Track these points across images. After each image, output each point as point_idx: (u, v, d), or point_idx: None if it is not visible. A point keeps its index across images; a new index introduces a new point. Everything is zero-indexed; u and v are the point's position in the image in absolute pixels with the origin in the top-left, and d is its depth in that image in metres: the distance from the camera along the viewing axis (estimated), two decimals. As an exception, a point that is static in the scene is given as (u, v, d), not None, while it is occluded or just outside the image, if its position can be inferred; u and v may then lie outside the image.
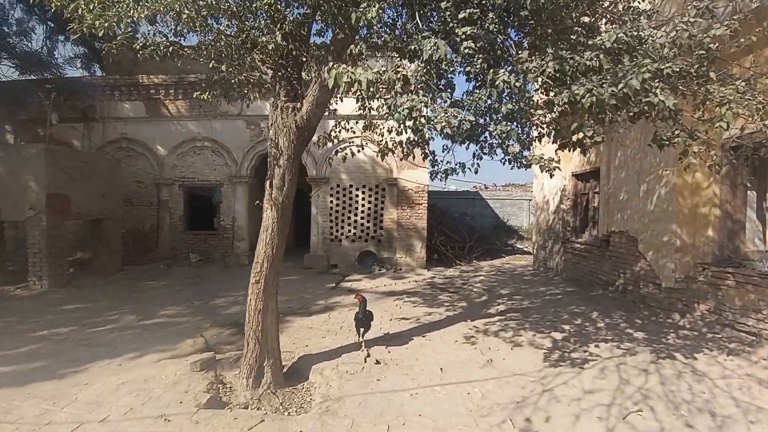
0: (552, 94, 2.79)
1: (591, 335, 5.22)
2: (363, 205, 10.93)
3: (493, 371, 4.13)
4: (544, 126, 4.53)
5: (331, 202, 10.96)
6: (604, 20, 3.51)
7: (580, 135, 4.35)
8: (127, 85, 11.07)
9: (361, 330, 4.60)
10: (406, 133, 3.32)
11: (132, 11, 2.98)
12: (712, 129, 2.66)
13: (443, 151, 5.44)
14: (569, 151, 5.07)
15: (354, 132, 10.18)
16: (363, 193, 10.92)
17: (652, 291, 5.92)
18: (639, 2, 3.42)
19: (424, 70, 2.60)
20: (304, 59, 3.89)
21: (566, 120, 4.83)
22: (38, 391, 3.60)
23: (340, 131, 5.82)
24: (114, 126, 11.35)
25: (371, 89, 2.75)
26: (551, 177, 5.69)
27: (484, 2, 2.78)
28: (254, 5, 3.54)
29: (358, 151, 7.93)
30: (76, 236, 10.73)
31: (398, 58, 3.61)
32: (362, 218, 10.94)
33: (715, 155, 3.68)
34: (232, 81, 4.70)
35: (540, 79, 2.49)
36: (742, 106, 2.40)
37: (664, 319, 5.62)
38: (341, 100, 6.36)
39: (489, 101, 2.75)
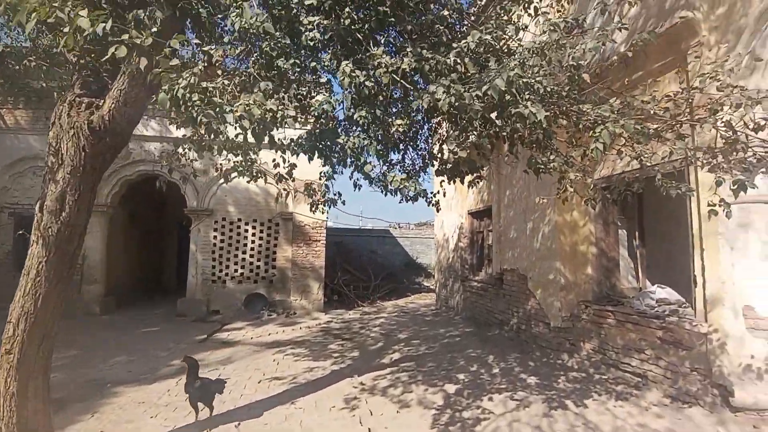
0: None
1: (486, 385, 4.74)
2: (253, 242, 9.69)
3: (368, 450, 3.28)
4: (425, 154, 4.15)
5: (215, 237, 9.51)
6: (468, 23, 3.26)
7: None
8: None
9: (199, 405, 3.44)
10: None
11: None
12: (589, 152, 2.36)
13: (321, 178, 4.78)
14: (459, 182, 4.77)
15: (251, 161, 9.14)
16: (253, 228, 9.71)
17: (543, 330, 5.75)
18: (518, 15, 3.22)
19: (244, 54, 1.89)
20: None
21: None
22: None
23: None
24: None
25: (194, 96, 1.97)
26: (437, 211, 5.34)
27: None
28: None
29: (248, 181, 6.97)
30: None
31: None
32: (252, 256, 9.64)
33: (591, 187, 3.52)
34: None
35: (390, 78, 1.96)
36: (618, 125, 2.15)
37: (554, 360, 5.42)
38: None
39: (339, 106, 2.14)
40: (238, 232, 9.64)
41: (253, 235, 9.70)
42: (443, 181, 4.70)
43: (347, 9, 2.29)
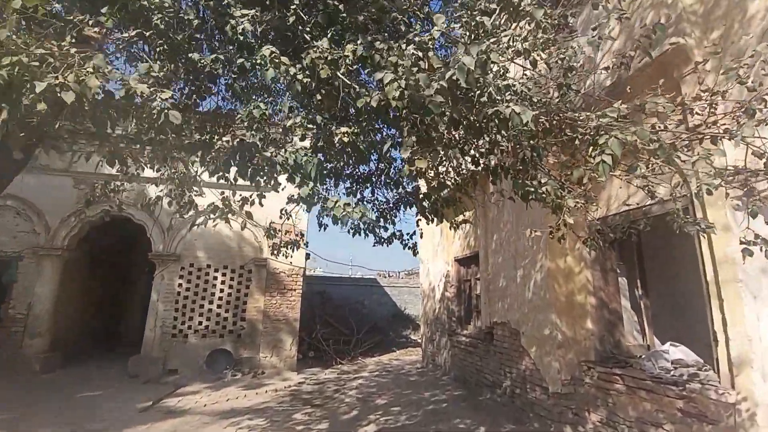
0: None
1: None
2: (222, 291, 8.87)
3: None
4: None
5: (180, 285, 8.69)
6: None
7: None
8: None
9: None
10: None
11: None
12: (593, 171, 1.88)
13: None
14: (447, 227, 4.27)
15: (228, 204, 8.61)
16: (224, 275, 8.95)
17: (540, 396, 4.96)
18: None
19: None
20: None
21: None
22: None
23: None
24: None
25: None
26: (414, 254, 4.76)
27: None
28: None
29: (226, 220, 6.42)
30: None
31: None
32: (219, 307, 8.77)
33: (586, 228, 3.02)
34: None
35: (330, 71, 1.51)
36: (629, 132, 1.68)
37: (555, 434, 4.60)
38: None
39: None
40: (206, 280, 8.84)
41: (223, 283, 8.90)
42: (419, 220, 4.19)
43: (293, 5, 1.91)
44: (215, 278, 8.88)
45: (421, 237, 4.49)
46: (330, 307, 15.05)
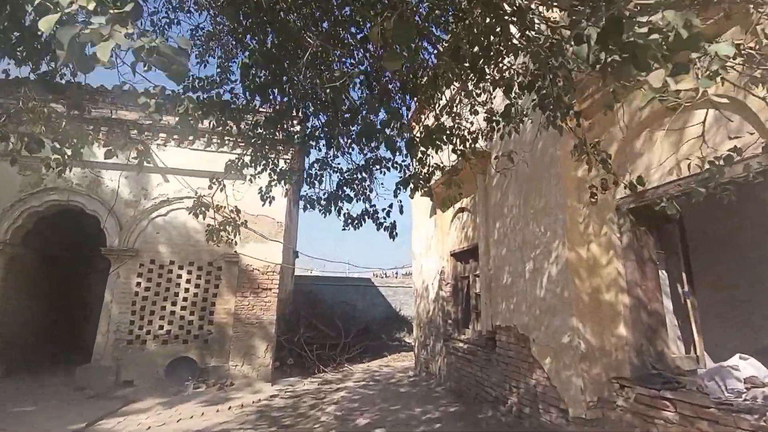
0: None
1: None
2: (187, 290, 7.82)
3: None
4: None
5: (139, 284, 7.63)
6: None
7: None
8: None
9: None
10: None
11: None
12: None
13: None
14: (440, 217, 3.27)
15: (196, 192, 7.56)
16: (189, 273, 7.90)
17: (558, 420, 3.95)
18: None
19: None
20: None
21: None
22: None
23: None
24: None
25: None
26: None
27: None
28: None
29: (194, 213, 5.49)
30: None
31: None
32: (184, 309, 7.72)
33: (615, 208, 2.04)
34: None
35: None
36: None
37: (578, 470, 3.58)
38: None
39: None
40: (168, 278, 7.79)
41: (188, 281, 7.85)
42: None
43: None
44: (179, 276, 7.83)
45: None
46: (319, 308, 14.02)
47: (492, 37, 2.10)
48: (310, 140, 3.04)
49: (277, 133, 3.59)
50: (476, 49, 2.11)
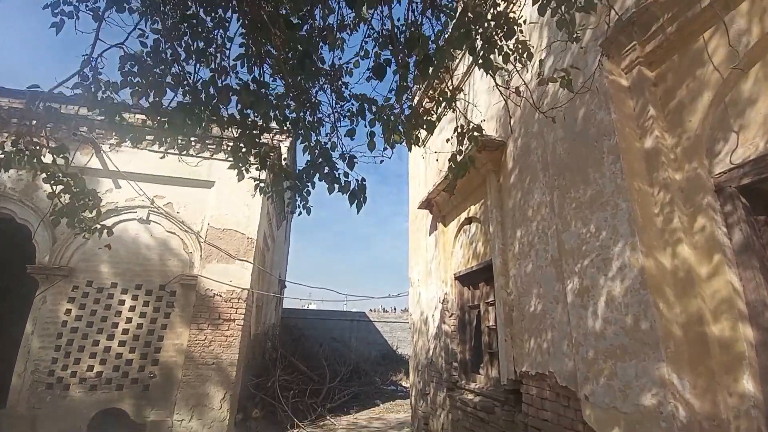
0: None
1: None
2: (129, 321, 6.33)
3: None
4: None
5: (68, 312, 6.17)
6: None
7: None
8: None
9: None
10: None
11: None
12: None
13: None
14: (442, 232, 1.94)
15: (152, 201, 6.30)
16: (134, 298, 6.44)
17: None
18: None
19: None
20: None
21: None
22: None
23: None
24: None
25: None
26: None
27: None
28: None
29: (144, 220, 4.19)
30: None
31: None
32: (123, 345, 6.20)
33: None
34: None
35: None
36: None
37: None
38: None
39: None
40: (107, 305, 6.33)
41: (132, 309, 6.38)
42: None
43: None
44: (121, 303, 6.37)
45: (410, 252, 2.19)
46: (303, 346, 12.33)
47: None
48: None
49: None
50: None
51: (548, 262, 3.56)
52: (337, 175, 2.07)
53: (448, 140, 3.16)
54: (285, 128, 2.50)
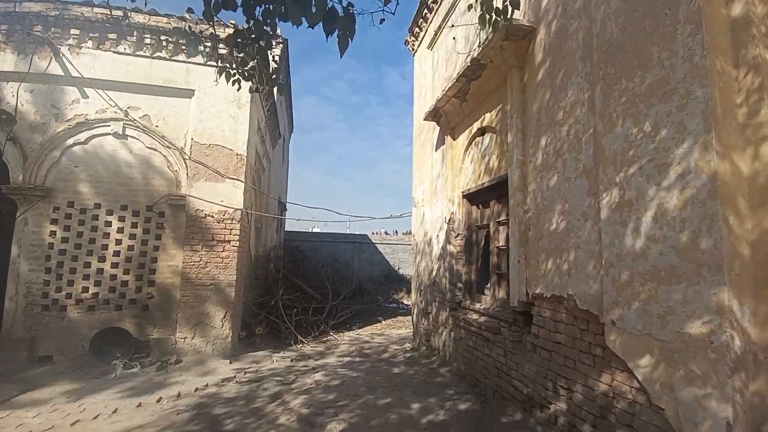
0: None
1: None
2: (119, 243, 6.05)
3: None
4: None
5: (53, 234, 5.86)
6: None
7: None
8: None
9: None
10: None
11: None
12: None
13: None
14: (450, 146, 1.29)
15: (126, 112, 5.60)
16: (121, 220, 6.09)
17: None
18: None
19: None
20: None
21: None
22: None
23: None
24: None
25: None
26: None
27: None
28: None
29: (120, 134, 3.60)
30: None
31: None
32: (116, 266, 5.99)
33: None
34: None
35: None
36: None
37: None
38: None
39: None
40: (94, 227, 6.00)
41: (120, 231, 6.06)
42: None
43: None
44: (108, 224, 6.02)
45: (414, 170, 1.45)
46: (305, 267, 12.43)
47: None
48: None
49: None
50: None
51: (579, 173, 3.02)
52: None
53: (469, 7, 2.41)
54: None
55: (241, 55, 2.49)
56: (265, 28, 1.86)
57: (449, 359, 5.55)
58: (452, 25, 5.64)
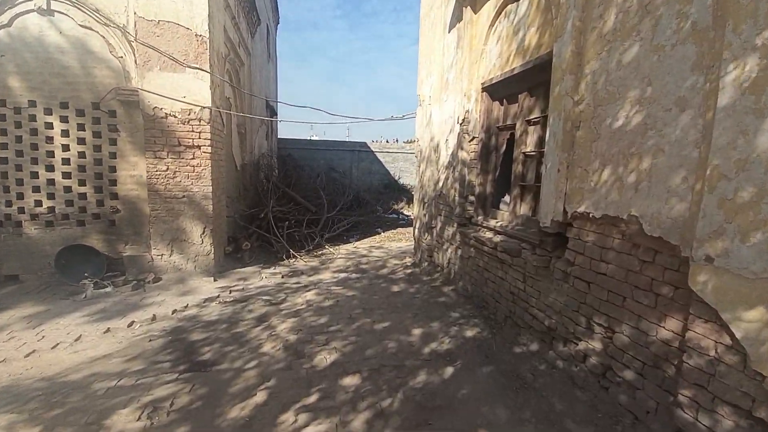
0: None
1: None
2: (67, 148, 5.10)
3: None
4: None
5: (-15, 138, 4.88)
6: None
7: None
8: None
9: None
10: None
11: None
12: None
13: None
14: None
15: None
16: (64, 120, 5.05)
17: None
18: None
19: None
20: None
21: None
22: None
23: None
24: None
25: None
26: None
27: None
28: None
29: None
30: None
31: None
32: (68, 177, 5.15)
33: None
34: None
35: None
36: None
37: None
38: None
39: None
40: (32, 129, 4.99)
41: (66, 134, 5.07)
42: None
43: None
44: (49, 126, 5.01)
45: (420, 57, 0.82)
46: (299, 176, 11.59)
47: None
48: None
49: None
50: None
51: (682, 35, 1.97)
52: None
53: None
54: None
55: None
56: None
57: (454, 277, 5.05)
58: None
